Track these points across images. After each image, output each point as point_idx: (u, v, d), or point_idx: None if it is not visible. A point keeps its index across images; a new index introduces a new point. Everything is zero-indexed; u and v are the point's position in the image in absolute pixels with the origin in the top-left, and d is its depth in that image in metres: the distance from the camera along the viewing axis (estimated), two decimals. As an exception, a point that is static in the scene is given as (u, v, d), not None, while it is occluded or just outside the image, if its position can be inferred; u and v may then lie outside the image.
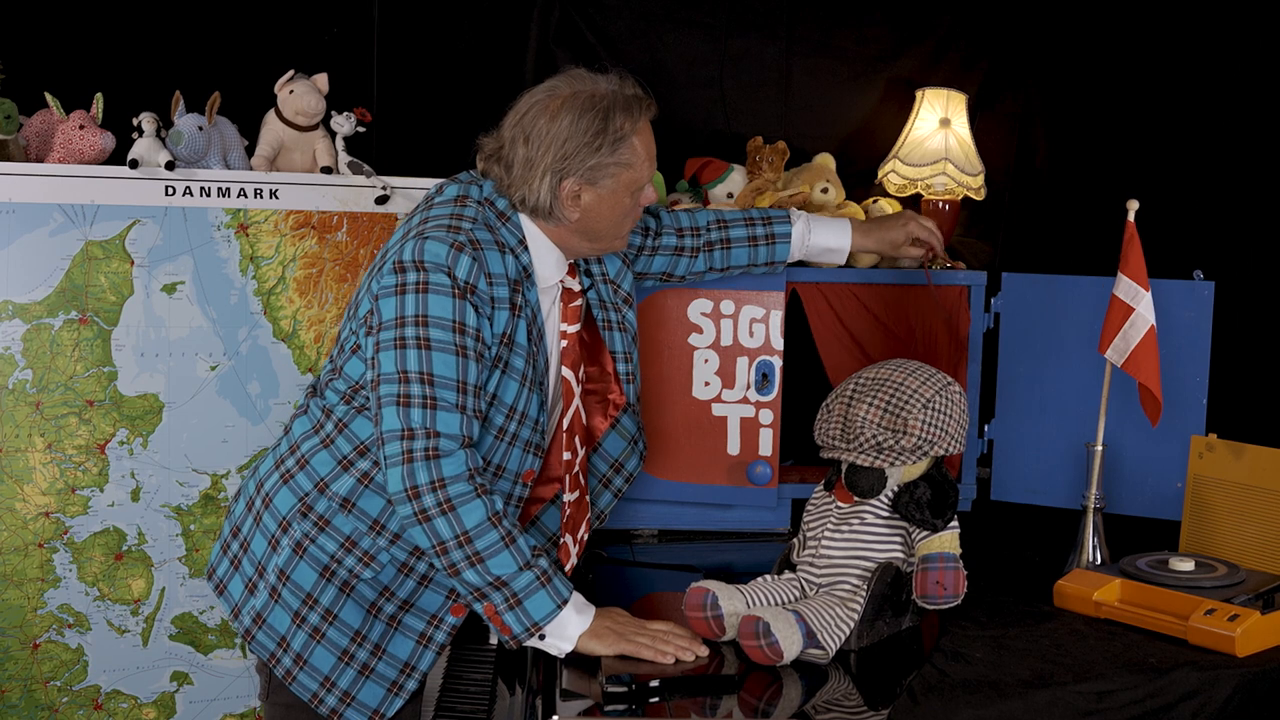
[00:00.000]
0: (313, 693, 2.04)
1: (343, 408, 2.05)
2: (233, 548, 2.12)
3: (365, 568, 2.03)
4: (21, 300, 2.52)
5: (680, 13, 3.06)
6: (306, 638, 2.03)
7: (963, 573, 1.98)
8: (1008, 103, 3.13)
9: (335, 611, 2.03)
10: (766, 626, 1.84)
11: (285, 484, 2.06)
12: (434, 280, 1.90)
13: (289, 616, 2.03)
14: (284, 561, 2.04)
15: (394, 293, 1.91)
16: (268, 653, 2.05)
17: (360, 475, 2.03)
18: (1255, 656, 1.91)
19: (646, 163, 2.05)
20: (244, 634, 2.08)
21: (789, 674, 1.87)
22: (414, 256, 1.92)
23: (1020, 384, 2.58)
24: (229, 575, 2.11)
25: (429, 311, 1.89)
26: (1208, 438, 2.28)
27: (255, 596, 2.06)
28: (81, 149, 2.52)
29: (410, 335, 1.89)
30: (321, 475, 2.04)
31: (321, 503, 2.03)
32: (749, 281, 2.57)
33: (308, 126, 2.68)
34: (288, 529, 2.04)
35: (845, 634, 1.90)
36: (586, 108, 1.99)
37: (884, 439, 1.99)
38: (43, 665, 2.59)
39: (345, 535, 2.03)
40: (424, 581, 2.07)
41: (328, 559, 2.03)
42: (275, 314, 2.66)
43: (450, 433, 1.89)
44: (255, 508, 2.10)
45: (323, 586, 2.03)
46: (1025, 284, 2.59)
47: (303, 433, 2.09)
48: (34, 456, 2.54)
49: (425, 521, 1.87)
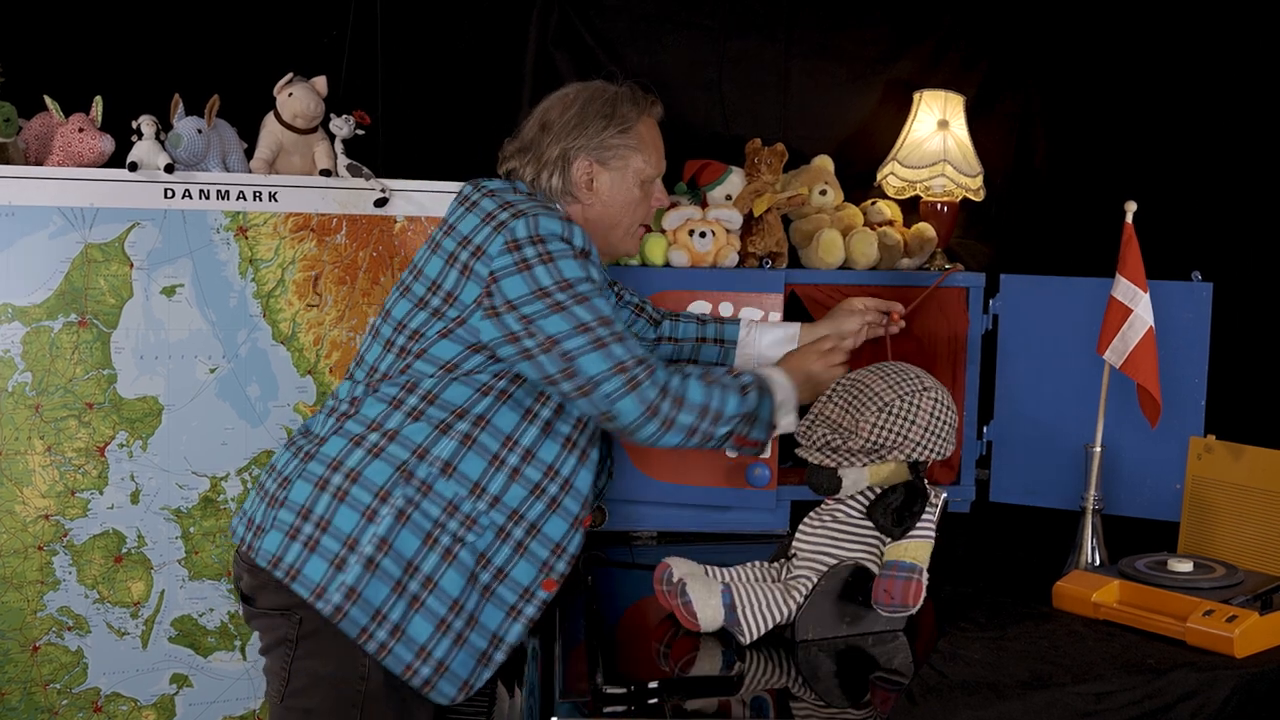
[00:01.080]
0: (406, 664, 2.02)
1: (430, 381, 2.07)
2: (305, 530, 2.05)
3: (468, 532, 2.05)
4: (21, 303, 2.52)
5: (679, 15, 3.06)
6: (405, 607, 2.02)
7: (916, 583, 1.97)
8: (1006, 104, 3.13)
9: (436, 579, 2.03)
10: (683, 587, 1.95)
11: (376, 458, 2.05)
12: (554, 249, 2.03)
13: (388, 587, 2.01)
14: (385, 530, 2.02)
15: (518, 270, 2.01)
16: (359, 629, 2.01)
17: (461, 437, 2.05)
18: (1253, 657, 1.91)
19: (653, 153, 2.24)
20: (334, 612, 2.01)
21: (788, 674, 1.87)
22: (529, 232, 2.03)
23: (1019, 385, 2.58)
24: (303, 559, 2.04)
25: (565, 275, 2.02)
26: (1206, 439, 2.29)
27: (345, 572, 2.01)
28: (81, 152, 2.52)
29: (563, 298, 2.01)
30: (418, 442, 2.05)
31: (422, 468, 2.04)
32: (748, 283, 2.58)
33: (306, 129, 2.68)
34: (387, 498, 2.03)
35: (772, 619, 1.93)
36: (597, 97, 2.23)
37: (831, 439, 2.01)
38: (42, 668, 2.59)
39: (447, 500, 2.04)
40: (519, 549, 2.08)
41: (430, 525, 2.03)
42: (274, 316, 2.66)
43: (644, 353, 2.05)
44: (333, 485, 2.05)
45: (424, 554, 2.03)
46: (1024, 285, 2.59)
47: (381, 413, 2.09)
48: (33, 459, 2.55)
49: (671, 426, 2.03)
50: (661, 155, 2.27)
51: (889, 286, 2.67)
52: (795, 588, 1.99)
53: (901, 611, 1.98)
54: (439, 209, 2.72)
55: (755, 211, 2.66)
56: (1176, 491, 2.35)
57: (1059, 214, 3.10)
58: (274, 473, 2.14)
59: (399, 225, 2.72)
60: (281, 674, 2.08)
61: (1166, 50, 3.00)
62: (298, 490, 2.08)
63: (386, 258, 2.72)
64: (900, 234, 2.79)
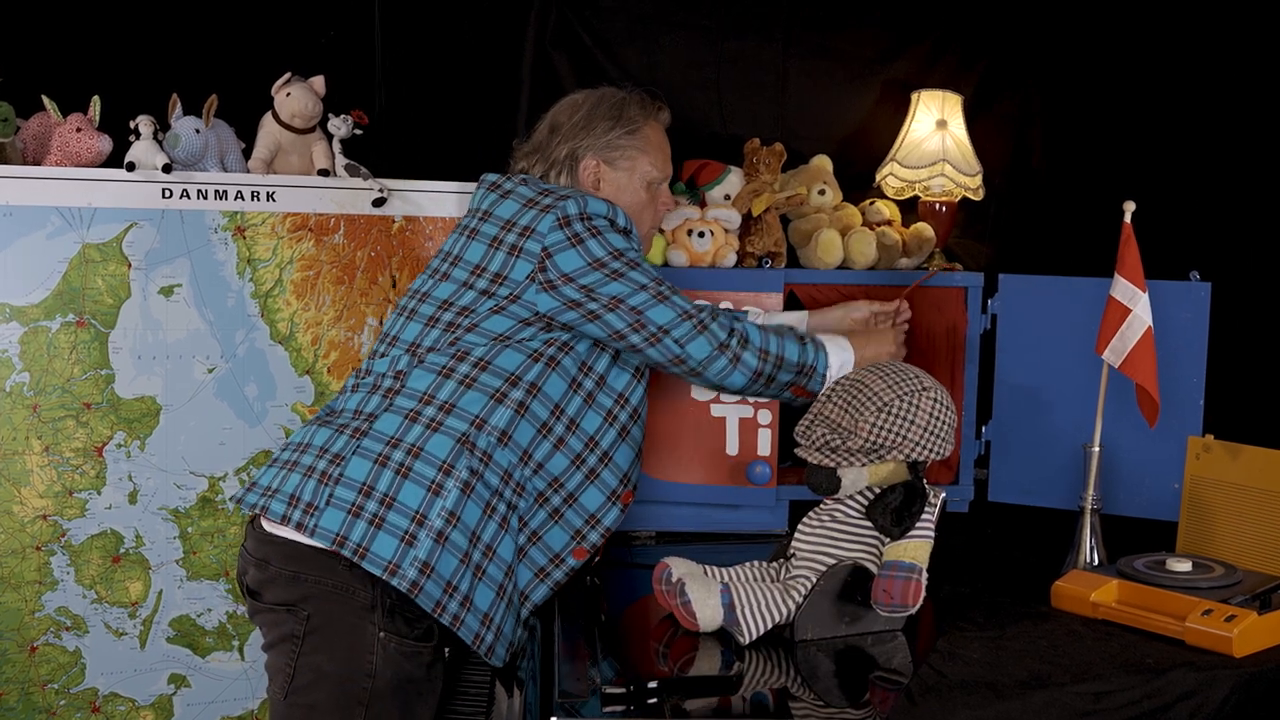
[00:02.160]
0: (475, 633, 2.05)
1: (482, 349, 2.12)
2: (369, 508, 2.02)
3: (519, 499, 2.11)
4: (19, 303, 2.52)
5: (677, 15, 3.06)
6: (472, 577, 2.04)
7: (915, 583, 1.96)
8: (1004, 104, 3.13)
9: (495, 547, 2.08)
10: (682, 586, 1.96)
11: (436, 431, 2.06)
12: (600, 225, 2.15)
13: (457, 559, 2.03)
14: (453, 503, 2.03)
15: (570, 244, 2.13)
16: (433, 602, 2.01)
17: (516, 405, 2.10)
18: (1252, 657, 1.91)
19: (659, 157, 2.34)
20: (410, 587, 2.00)
21: (787, 674, 1.87)
22: (579, 209, 2.15)
23: (1017, 385, 2.58)
24: (370, 537, 2.01)
25: (614, 246, 2.15)
26: (1205, 439, 2.29)
27: (416, 547, 2.01)
28: (79, 151, 2.52)
29: (618, 265, 2.13)
30: (475, 413, 2.08)
31: (482, 438, 2.07)
32: (746, 283, 2.58)
33: (304, 129, 2.68)
34: (451, 470, 2.04)
35: (771, 619, 1.93)
36: (605, 100, 2.33)
37: (831, 438, 2.01)
38: (40, 668, 2.59)
39: (504, 469, 2.09)
40: (555, 516, 2.15)
41: (490, 494, 2.07)
42: (272, 316, 2.66)
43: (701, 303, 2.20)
44: (395, 461, 2.04)
45: (484, 523, 2.07)
46: (1022, 285, 2.59)
47: (432, 384, 2.11)
48: (31, 459, 2.54)
49: (737, 363, 2.15)
50: (668, 160, 2.36)
51: (888, 286, 2.67)
52: (794, 587, 1.99)
53: (901, 611, 1.98)
54: (437, 209, 2.72)
55: (754, 211, 2.66)
56: (1175, 491, 2.35)
57: (1057, 214, 3.10)
58: (316, 451, 2.09)
59: (397, 225, 2.72)
60: (285, 670, 2.07)
61: (1165, 50, 3.00)
62: (355, 467, 2.05)
63: (385, 257, 2.71)
64: (899, 234, 2.79)
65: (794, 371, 2.19)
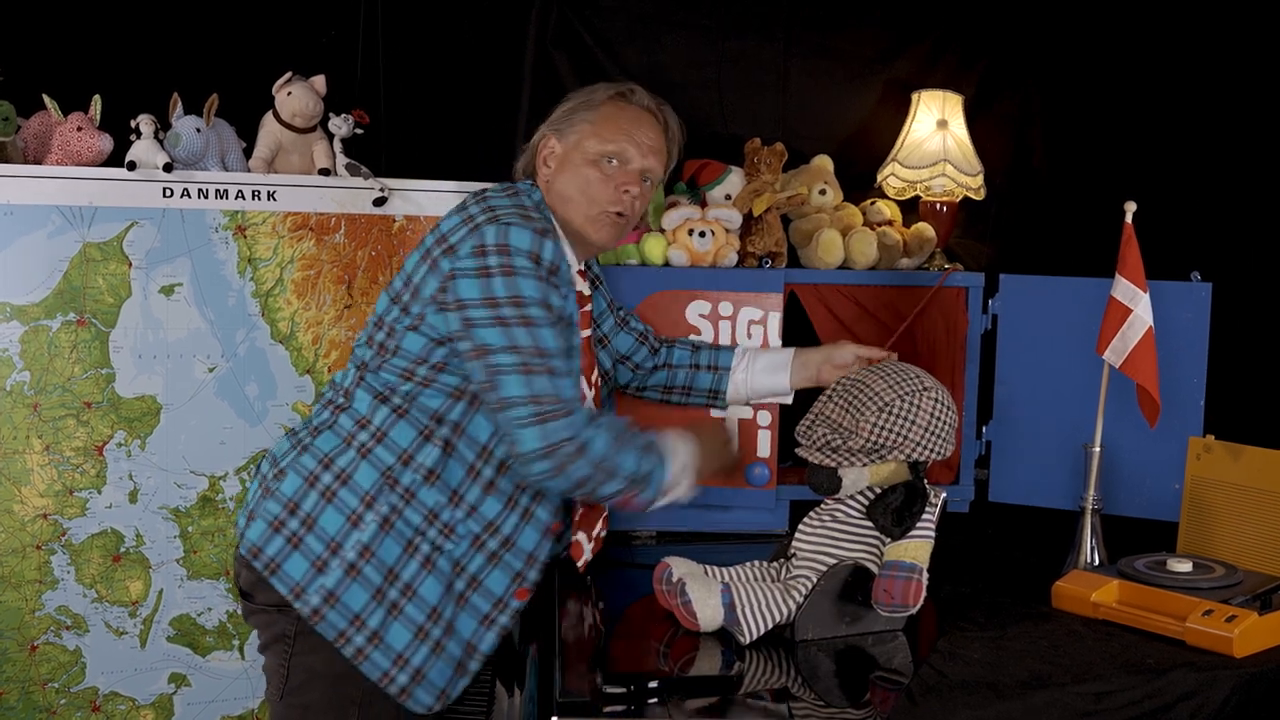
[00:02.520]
0: (384, 671, 2.03)
1: (406, 385, 2.07)
2: (290, 525, 2.05)
3: (446, 540, 2.06)
4: (19, 302, 2.51)
5: (678, 15, 3.06)
6: (385, 614, 2.02)
7: (916, 583, 1.97)
8: (1005, 104, 3.13)
9: (415, 587, 2.04)
10: (683, 586, 1.95)
11: (364, 459, 2.06)
12: (518, 264, 2.00)
13: (368, 593, 2.02)
14: (369, 537, 2.02)
15: (476, 275, 2.00)
16: (336, 632, 2.02)
17: (443, 444, 2.06)
18: (1253, 657, 1.91)
19: (615, 132, 2.19)
20: (311, 614, 2.02)
21: (787, 674, 1.87)
22: (497, 240, 2.00)
23: (1018, 385, 2.58)
24: (284, 554, 2.04)
25: (520, 292, 1.99)
26: (1205, 439, 2.29)
27: (325, 575, 2.02)
28: (79, 151, 2.52)
29: (510, 315, 1.98)
30: (404, 447, 2.06)
31: (406, 475, 2.05)
32: (747, 283, 2.57)
33: (305, 128, 2.68)
34: (372, 504, 2.04)
35: (771, 619, 1.93)
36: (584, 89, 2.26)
37: (832, 438, 2.01)
38: (40, 667, 2.59)
39: (429, 508, 2.05)
40: (493, 560, 2.10)
41: (412, 532, 2.04)
42: (273, 316, 2.66)
43: (570, 395, 2.01)
44: (323, 483, 2.06)
45: (405, 561, 2.04)
46: (1023, 285, 2.59)
47: (369, 406, 2.09)
48: (32, 458, 2.54)
49: (561, 472, 1.98)
50: (629, 138, 2.19)
51: (889, 286, 2.67)
52: (795, 587, 1.99)
53: (901, 611, 1.98)
54: (438, 208, 2.72)
55: (755, 211, 2.66)
56: (1176, 491, 2.35)
57: (1058, 214, 3.10)
58: (272, 462, 2.14)
59: (398, 224, 2.72)
60: (280, 671, 2.08)
61: (1166, 49, 3.00)
62: (289, 482, 2.08)
63: (385, 257, 2.71)
64: (899, 234, 2.79)
65: (626, 482, 2.03)
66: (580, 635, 2.05)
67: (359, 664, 2.02)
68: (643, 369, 2.47)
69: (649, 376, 2.49)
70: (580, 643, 2.01)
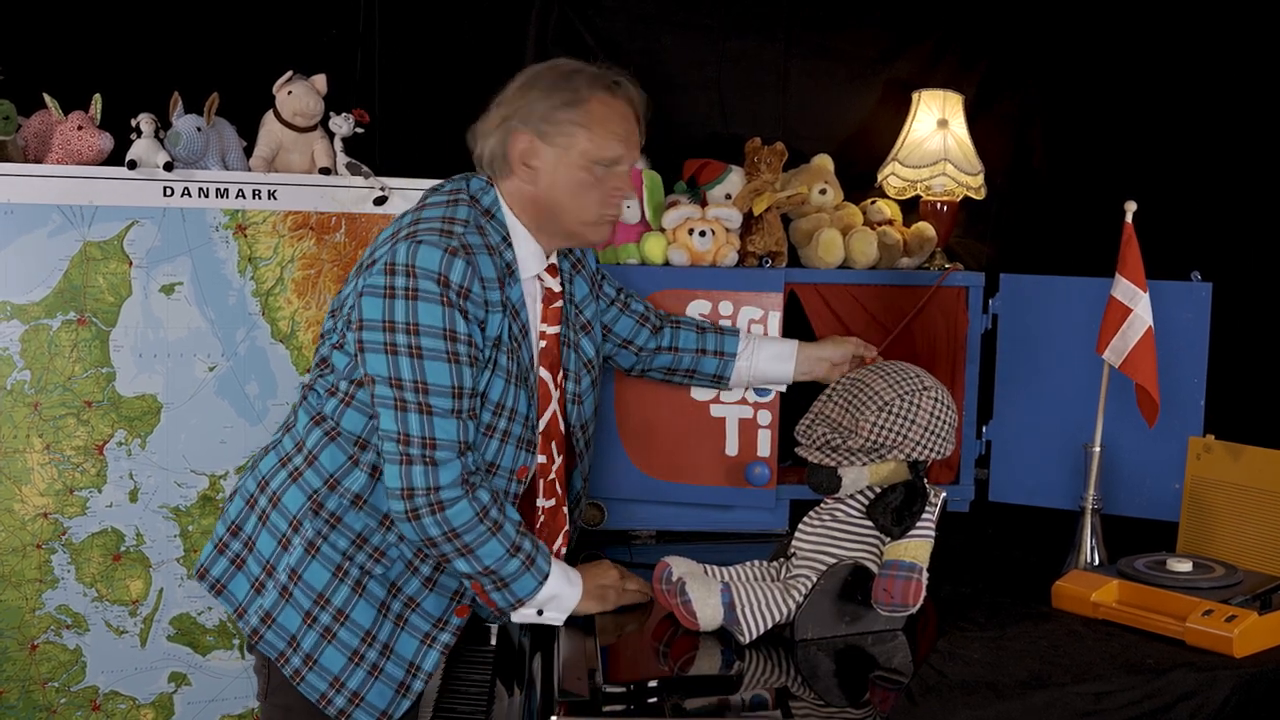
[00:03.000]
0: (321, 693, 2.03)
1: (333, 402, 2.04)
2: (233, 547, 2.10)
3: (376, 564, 2.04)
4: (20, 301, 2.52)
5: (678, 14, 3.06)
6: (318, 638, 2.02)
7: (916, 583, 1.96)
8: (1005, 104, 3.13)
9: (347, 612, 2.03)
10: (683, 586, 1.94)
11: (294, 482, 2.05)
12: (423, 288, 1.89)
13: (300, 616, 2.03)
14: (296, 561, 2.03)
15: (382, 295, 1.91)
16: (276, 652, 2.04)
17: (369, 469, 2.02)
18: (1253, 657, 1.91)
19: (606, 135, 2.02)
20: (251, 634, 2.06)
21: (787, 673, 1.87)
22: (406, 260, 1.90)
23: (1018, 385, 2.58)
24: (229, 575, 2.10)
25: (419, 319, 1.89)
26: (1205, 439, 2.29)
27: (263, 596, 2.05)
28: (80, 150, 2.52)
29: (401, 343, 1.89)
30: (331, 472, 2.03)
31: (332, 500, 2.03)
32: (747, 282, 2.57)
33: (306, 127, 2.68)
34: (299, 528, 2.03)
35: (771, 619, 1.93)
36: (555, 72, 2.05)
37: (831, 438, 2.01)
38: (41, 666, 2.59)
39: (356, 532, 2.03)
40: (429, 583, 2.07)
41: (340, 557, 2.03)
42: (273, 315, 2.66)
43: (447, 439, 1.91)
44: (260, 506, 2.08)
45: (335, 586, 2.03)
46: (1023, 285, 2.59)
47: (305, 427, 2.08)
48: (32, 457, 2.54)
49: (414, 520, 1.91)
50: (623, 140, 2.04)
51: (889, 286, 2.67)
52: (795, 587, 1.99)
53: (901, 611, 1.98)
54: (438, 208, 2.72)
55: (755, 210, 2.66)
56: (1176, 491, 2.35)
57: (1058, 213, 3.10)
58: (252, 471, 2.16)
59: (398, 224, 2.72)
60: (263, 671, 2.12)
61: (1166, 49, 3.00)
62: (234, 504, 2.13)
63: (386, 256, 2.71)
64: (900, 233, 2.79)
65: (479, 570, 1.94)
66: (580, 635, 2.05)
67: (297, 685, 2.03)
68: (646, 350, 2.41)
69: (653, 358, 2.42)
70: (580, 642, 2.01)
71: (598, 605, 2.04)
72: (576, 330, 2.24)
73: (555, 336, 2.16)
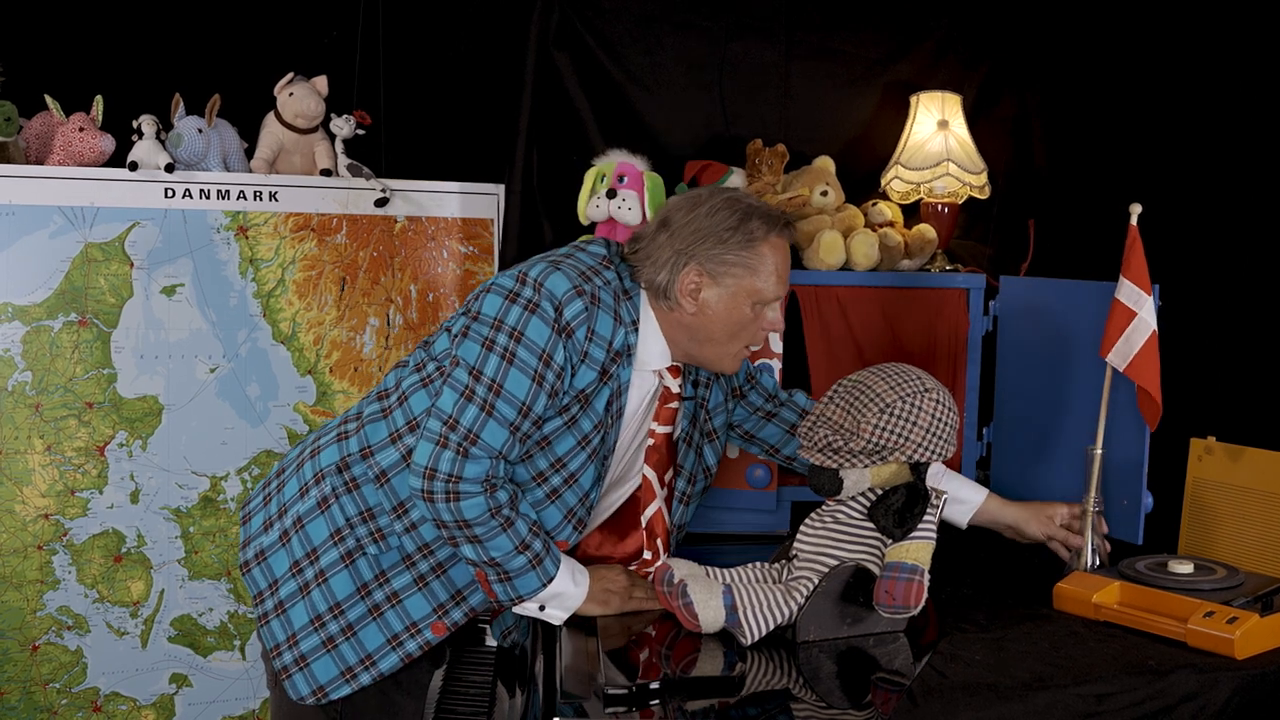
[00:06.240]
0: (276, 643, 2.05)
1: (412, 378, 2.07)
2: (271, 485, 2.16)
3: (373, 544, 2.05)
4: (21, 302, 2.52)
5: (679, 16, 3.06)
6: (295, 589, 2.05)
7: (917, 584, 1.96)
8: (1006, 106, 3.13)
9: (328, 576, 2.05)
10: (684, 587, 1.94)
11: (337, 441, 2.10)
12: (543, 306, 1.95)
13: (289, 563, 2.06)
14: (305, 511, 2.06)
15: (505, 297, 1.97)
16: (257, 590, 2.08)
17: (405, 451, 2.04)
18: (1254, 659, 1.91)
19: (774, 278, 2.06)
20: (242, 565, 2.11)
21: (789, 675, 1.87)
22: (537, 277, 1.97)
23: (1019, 387, 2.58)
24: (257, 509, 2.14)
25: (525, 330, 1.94)
26: (1207, 440, 2.28)
27: (267, 534, 2.09)
28: (81, 151, 2.52)
29: (500, 342, 1.94)
30: (371, 442, 2.06)
31: (359, 466, 2.06)
32: (748, 284, 2.57)
33: (307, 129, 2.68)
34: (320, 480, 2.07)
35: (773, 620, 1.93)
36: (726, 205, 2.05)
37: (833, 440, 2.01)
38: (42, 667, 2.59)
39: (369, 505, 2.05)
40: (420, 582, 2.07)
41: (343, 522, 2.05)
42: (274, 316, 2.66)
43: (491, 442, 1.93)
44: (303, 455, 2.14)
45: (328, 547, 2.05)
46: (1024, 287, 2.59)
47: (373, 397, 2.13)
48: (33, 458, 2.54)
49: (429, 501, 1.93)
50: (783, 280, 2.08)
51: (890, 288, 2.67)
52: (796, 588, 1.99)
53: (903, 612, 1.98)
54: (439, 209, 2.72)
55: (756, 212, 2.66)
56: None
57: (1059, 215, 3.10)
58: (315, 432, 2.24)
59: (399, 225, 2.72)
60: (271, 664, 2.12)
61: (1167, 51, 3.00)
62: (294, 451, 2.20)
63: (387, 257, 2.72)
64: (901, 235, 2.79)
65: (484, 559, 1.96)
66: (582, 636, 2.05)
67: (261, 627, 2.07)
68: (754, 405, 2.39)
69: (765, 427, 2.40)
70: (582, 643, 2.01)
71: (600, 609, 2.06)
72: (702, 435, 2.26)
73: (666, 436, 2.15)
